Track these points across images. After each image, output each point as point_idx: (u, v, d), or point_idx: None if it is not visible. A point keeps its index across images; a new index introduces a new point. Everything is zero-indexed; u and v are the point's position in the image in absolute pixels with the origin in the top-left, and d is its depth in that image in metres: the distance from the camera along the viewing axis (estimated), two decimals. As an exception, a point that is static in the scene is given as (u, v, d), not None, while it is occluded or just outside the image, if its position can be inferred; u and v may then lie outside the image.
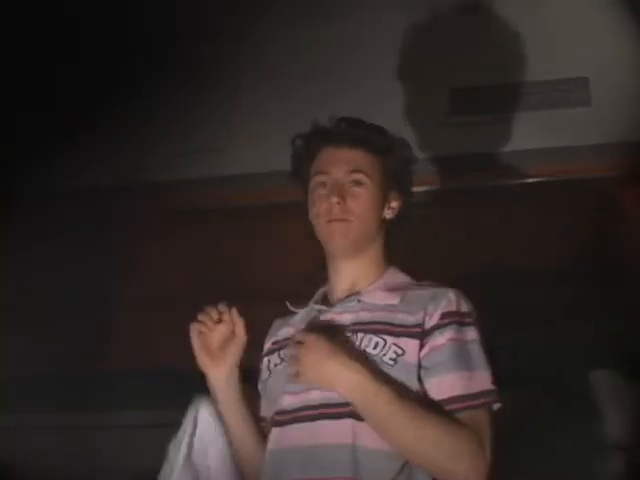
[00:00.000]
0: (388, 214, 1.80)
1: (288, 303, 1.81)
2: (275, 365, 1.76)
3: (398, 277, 1.78)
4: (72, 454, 2.57)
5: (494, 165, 2.74)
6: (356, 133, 1.78)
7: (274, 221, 2.66)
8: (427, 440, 1.54)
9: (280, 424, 1.65)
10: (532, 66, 2.78)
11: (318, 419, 1.61)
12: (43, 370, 2.75)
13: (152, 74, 2.82)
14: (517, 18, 2.76)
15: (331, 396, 1.59)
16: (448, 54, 2.82)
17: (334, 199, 1.72)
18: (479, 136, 2.80)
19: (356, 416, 1.57)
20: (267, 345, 1.83)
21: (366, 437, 1.57)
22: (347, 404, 1.57)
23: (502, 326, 2.35)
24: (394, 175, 1.80)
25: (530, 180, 2.75)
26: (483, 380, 1.60)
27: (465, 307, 1.66)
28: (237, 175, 2.81)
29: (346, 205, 1.73)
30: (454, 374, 1.59)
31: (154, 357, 2.58)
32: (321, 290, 1.83)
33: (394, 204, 1.80)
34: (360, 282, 1.75)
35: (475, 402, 1.57)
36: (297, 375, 1.60)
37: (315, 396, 1.61)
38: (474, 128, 2.80)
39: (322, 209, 1.75)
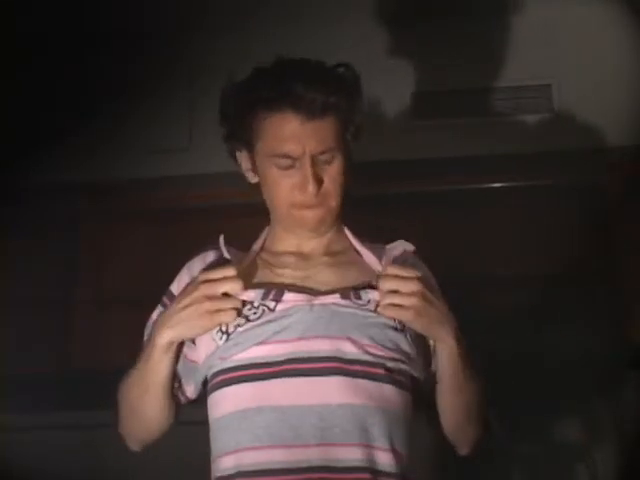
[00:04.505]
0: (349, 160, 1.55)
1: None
2: (238, 326, 1.43)
3: (348, 234, 1.60)
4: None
5: (454, 170, 2.75)
6: (327, 99, 1.44)
7: (241, 220, 2.63)
8: (479, 404, 1.50)
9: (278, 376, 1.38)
10: (496, 72, 2.80)
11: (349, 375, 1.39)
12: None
13: (120, 74, 2.79)
14: (483, 24, 2.78)
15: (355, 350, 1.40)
16: (411, 59, 2.81)
17: (312, 188, 1.44)
18: (439, 141, 2.80)
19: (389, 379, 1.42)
20: None
21: (395, 401, 1.43)
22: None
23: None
24: (357, 124, 1.53)
25: (494, 185, 2.78)
26: None
27: None
28: (202, 174, 2.77)
29: (322, 189, 1.46)
30: None
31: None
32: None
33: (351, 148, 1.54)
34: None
35: None
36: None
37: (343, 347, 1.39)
38: (434, 132, 2.80)
39: (289, 196, 1.47)
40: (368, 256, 1.55)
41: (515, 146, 2.73)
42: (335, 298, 1.43)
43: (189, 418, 1.55)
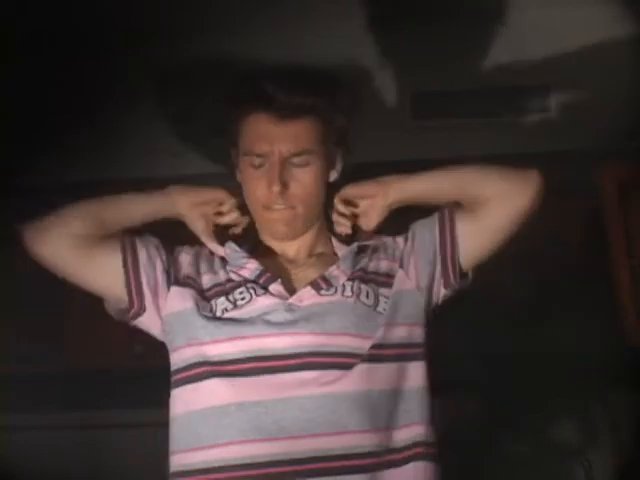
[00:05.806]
0: (333, 176, 1.56)
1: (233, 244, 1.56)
2: (225, 310, 1.45)
3: (334, 241, 1.62)
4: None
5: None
6: (302, 100, 1.47)
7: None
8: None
9: (271, 371, 1.40)
10: (496, 72, 2.80)
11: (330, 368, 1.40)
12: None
13: (120, 74, 2.79)
14: (483, 24, 2.78)
15: (338, 343, 1.42)
16: (411, 59, 2.82)
17: (275, 188, 1.45)
18: (439, 141, 2.80)
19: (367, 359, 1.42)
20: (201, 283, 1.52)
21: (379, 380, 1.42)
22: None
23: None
24: (341, 134, 1.54)
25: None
26: None
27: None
28: (202, 175, 2.76)
29: (289, 191, 1.47)
30: None
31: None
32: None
33: (339, 165, 1.56)
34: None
35: None
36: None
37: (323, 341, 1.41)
38: (434, 132, 2.81)
39: (259, 195, 1.49)
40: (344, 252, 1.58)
41: (515, 146, 2.73)
42: (313, 295, 1.46)
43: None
